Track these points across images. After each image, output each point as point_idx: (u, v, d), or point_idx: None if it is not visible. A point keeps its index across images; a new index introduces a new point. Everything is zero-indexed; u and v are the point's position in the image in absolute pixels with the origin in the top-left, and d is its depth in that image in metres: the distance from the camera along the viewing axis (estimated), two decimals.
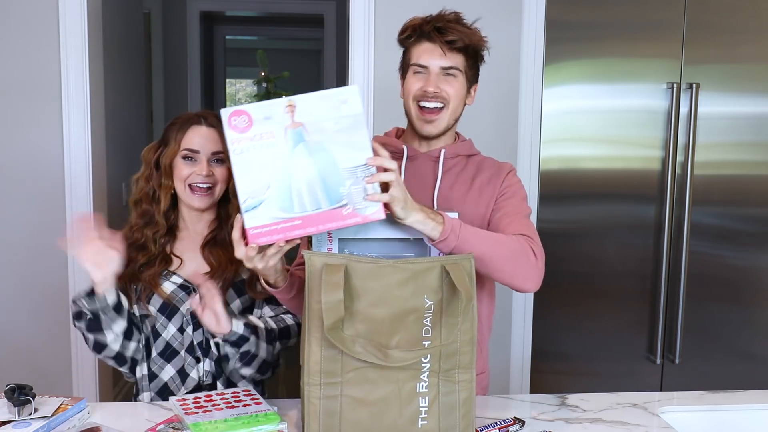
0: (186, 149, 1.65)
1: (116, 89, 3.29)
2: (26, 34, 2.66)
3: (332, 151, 1.27)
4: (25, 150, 2.70)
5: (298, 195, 1.27)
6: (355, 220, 1.28)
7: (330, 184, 1.27)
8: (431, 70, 1.56)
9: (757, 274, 2.78)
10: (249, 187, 1.27)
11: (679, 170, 2.68)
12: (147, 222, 1.69)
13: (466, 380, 1.32)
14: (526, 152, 2.72)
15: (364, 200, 1.28)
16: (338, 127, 1.27)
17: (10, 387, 1.40)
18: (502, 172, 1.66)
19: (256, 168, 1.26)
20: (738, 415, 1.63)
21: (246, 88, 9.45)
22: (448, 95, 1.57)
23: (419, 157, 1.64)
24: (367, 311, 1.27)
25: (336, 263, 1.26)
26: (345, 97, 1.27)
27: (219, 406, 1.41)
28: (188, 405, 1.41)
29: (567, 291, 2.76)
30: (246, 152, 1.26)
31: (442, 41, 1.55)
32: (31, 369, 2.76)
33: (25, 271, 2.75)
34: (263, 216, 1.27)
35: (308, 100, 1.27)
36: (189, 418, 1.34)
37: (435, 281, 1.29)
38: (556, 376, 2.80)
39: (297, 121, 1.27)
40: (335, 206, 1.27)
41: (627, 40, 2.65)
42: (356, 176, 1.27)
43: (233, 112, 1.27)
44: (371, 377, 1.29)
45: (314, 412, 1.28)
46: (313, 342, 1.27)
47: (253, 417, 1.35)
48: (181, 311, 1.65)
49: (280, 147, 1.26)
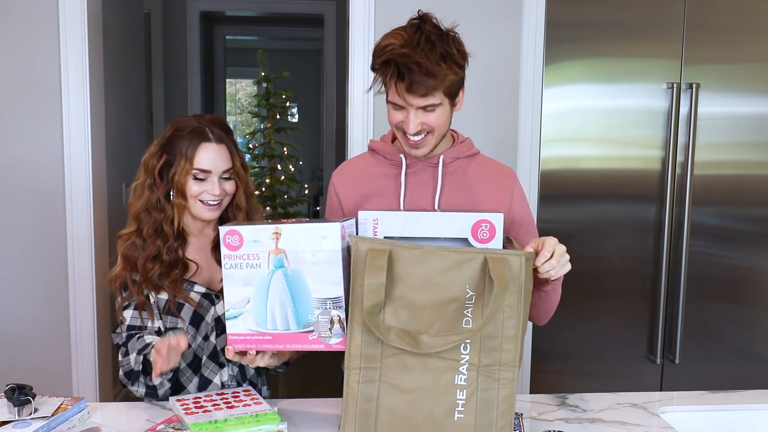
0: (198, 169, 1.63)
1: (116, 89, 3.29)
2: (26, 33, 2.66)
3: (307, 281, 1.37)
4: (25, 150, 2.70)
5: (271, 314, 1.39)
6: (319, 346, 1.39)
7: (300, 310, 1.38)
8: (409, 110, 1.49)
9: (757, 274, 2.78)
10: (233, 298, 1.40)
11: (679, 170, 2.68)
12: (157, 232, 1.65)
13: (508, 378, 1.30)
14: (526, 152, 2.72)
15: (329, 330, 1.38)
16: (315, 259, 1.36)
17: (10, 387, 1.40)
18: (509, 180, 1.66)
19: (241, 283, 1.39)
20: (738, 415, 1.63)
21: (246, 88, 9.46)
22: (431, 125, 1.51)
23: (418, 164, 1.63)
24: (409, 296, 1.29)
25: (380, 248, 1.29)
26: (326, 233, 1.36)
27: (219, 406, 1.41)
28: (188, 405, 1.41)
29: (567, 291, 2.73)
30: (234, 268, 1.39)
31: (409, 93, 1.45)
32: (31, 369, 2.76)
33: (25, 271, 2.75)
34: (241, 326, 1.40)
35: (293, 230, 1.37)
36: (189, 418, 1.35)
37: (477, 272, 1.29)
38: (556, 376, 2.79)
39: (280, 248, 1.37)
40: (302, 330, 1.39)
41: (627, 40, 2.65)
42: (325, 307, 1.37)
43: (228, 231, 1.39)
44: (410, 364, 1.30)
45: (352, 395, 1.30)
46: (355, 326, 1.30)
47: (254, 417, 1.36)
48: (206, 320, 1.65)
49: (263, 269, 1.38)
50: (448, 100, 1.51)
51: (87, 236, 2.74)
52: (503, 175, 1.67)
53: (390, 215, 1.42)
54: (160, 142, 1.69)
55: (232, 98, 9.18)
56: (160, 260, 1.64)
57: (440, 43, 1.45)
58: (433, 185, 1.61)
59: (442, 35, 1.47)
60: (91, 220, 2.74)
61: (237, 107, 9.42)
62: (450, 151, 1.63)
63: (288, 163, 5.49)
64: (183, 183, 1.63)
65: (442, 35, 1.47)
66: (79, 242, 2.73)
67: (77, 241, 2.73)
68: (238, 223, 1.42)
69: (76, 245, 2.73)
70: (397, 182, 1.63)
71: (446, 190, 1.61)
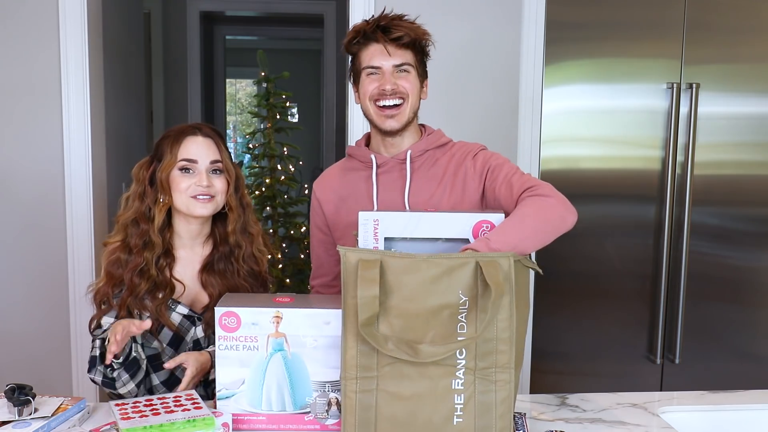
0: (183, 159, 1.61)
1: (116, 89, 3.29)
2: (26, 34, 2.66)
3: (306, 364, 1.38)
4: (25, 150, 2.70)
5: (267, 396, 1.39)
6: (314, 427, 1.39)
7: (298, 393, 1.39)
8: (384, 70, 1.60)
9: (757, 274, 2.78)
10: (226, 379, 1.38)
11: (679, 170, 2.68)
12: (145, 243, 1.62)
13: (504, 380, 1.30)
14: (526, 152, 2.72)
15: (325, 412, 1.39)
16: (316, 344, 1.37)
17: (10, 387, 1.39)
18: (470, 153, 1.66)
19: (236, 365, 1.38)
20: (738, 415, 1.63)
21: (246, 88, 9.46)
22: (405, 90, 1.60)
23: (388, 163, 1.66)
24: (402, 306, 1.28)
25: (371, 259, 1.27)
26: (329, 319, 1.36)
27: (157, 411, 1.37)
28: (126, 410, 1.38)
29: (567, 291, 2.76)
30: (230, 350, 1.37)
31: (387, 40, 1.59)
32: (31, 369, 2.76)
33: (25, 271, 2.75)
34: (233, 407, 1.39)
35: (295, 315, 1.37)
36: (123, 423, 1.31)
37: (469, 277, 1.28)
38: (556, 376, 2.79)
39: (280, 332, 1.37)
40: (298, 411, 1.39)
41: (627, 40, 2.65)
42: (323, 390, 1.39)
43: (225, 312, 1.36)
44: (406, 372, 1.29)
45: (350, 406, 1.29)
46: (349, 337, 1.29)
47: (189, 422, 1.32)
48: (186, 340, 1.64)
49: (261, 351, 1.37)
50: (417, 73, 1.63)
51: (87, 237, 2.74)
52: (468, 150, 1.68)
53: (390, 216, 1.41)
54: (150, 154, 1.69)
55: (232, 98, 9.18)
56: (147, 275, 1.60)
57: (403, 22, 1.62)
58: (403, 182, 1.64)
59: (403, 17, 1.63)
60: (91, 221, 2.74)
61: (237, 107, 9.42)
62: (417, 144, 1.66)
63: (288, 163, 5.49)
64: (166, 177, 1.61)
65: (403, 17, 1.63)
66: (79, 243, 2.73)
67: (77, 241, 2.73)
68: (235, 304, 1.39)
69: (76, 246, 2.73)
70: (369, 182, 1.66)
71: (415, 183, 1.64)
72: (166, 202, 1.62)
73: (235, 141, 9.12)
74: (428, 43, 1.66)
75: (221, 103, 6.51)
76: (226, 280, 1.68)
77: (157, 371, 1.63)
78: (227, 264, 1.70)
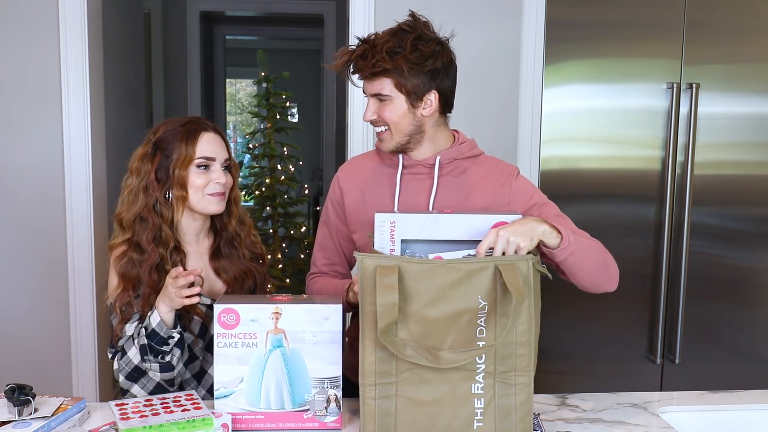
0: (202, 157, 1.61)
1: (116, 89, 3.29)
2: (26, 34, 2.66)
3: (305, 361, 1.38)
4: (25, 150, 2.70)
5: (266, 393, 1.39)
6: (313, 425, 1.40)
7: (297, 390, 1.39)
8: (369, 97, 1.59)
9: (757, 274, 2.78)
10: (224, 377, 1.39)
11: (679, 170, 2.68)
12: (157, 239, 1.60)
13: (524, 383, 1.31)
14: (526, 152, 2.72)
15: (324, 409, 1.39)
16: (316, 339, 1.37)
17: (10, 387, 1.39)
18: (508, 176, 1.65)
19: (234, 362, 1.38)
20: (738, 415, 1.63)
21: (246, 88, 9.46)
22: (384, 118, 1.58)
23: (415, 165, 1.64)
24: (421, 312, 1.27)
25: (389, 265, 1.26)
26: (328, 314, 1.37)
27: (157, 411, 1.38)
28: (126, 410, 1.38)
29: (567, 291, 2.74)
30: (228, 347, 1.37)
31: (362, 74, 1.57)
32: (31, 369, 2.76)
33: (25, 272, 2.75)
34: (231, 405, 1.39)
35: (294, 310, 1.37)
36: (123, 423, 1.32)
37: (488, 282, 1.28)
38: (556, 376, 2.79)
39: (279, 328, 1.37)
40: (297, 409, 1.39)
41: (627, 40, 2.65)
42: (322, 386, 1.39)
43: (224, 309, 1.37)
44: (426, 377, 1.29)
45: (370, 412, 1.29)
46: (367, 343, 1.28)
47: (188, 422, 1.32)
48: (209, 331, 1.64)
49: (259, 348, 1.37)
50: (404, 97, 1.55)
51: (87, 237, 2.74)
52: (501, 171, 1.66)
53: (408, 217, 1.39)
54: (146, 146, 1.66)
55: (232, 98, 9.18)
56: (164, 269, 1.59)
57: (394, 40, 1.51)
58: (429, 185, 1.62)
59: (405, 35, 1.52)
60: (91, 221, 2.74)
61: (237, 107, 9.42)
62: (447, 151, 1.64)
63: (288, 163, 5.49)
64: (184, 175, 1.60)
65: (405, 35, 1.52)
66: (79, 242, 2.73)
67: (77, 241, 2.73)
68: (234, 300, 1.39)
69: (76, 245, 2.73)
70: (393, 181, 1.65)
71: (442, 189, 1.62)
72: (184, 196, 1.61)
73: (235, 141, 9.12)
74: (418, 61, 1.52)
75: (221, 103, 6.51)
76: (236, 264, 1.72)
77: (193, 362, 1.64)
78: (232, 249, 1.73)
